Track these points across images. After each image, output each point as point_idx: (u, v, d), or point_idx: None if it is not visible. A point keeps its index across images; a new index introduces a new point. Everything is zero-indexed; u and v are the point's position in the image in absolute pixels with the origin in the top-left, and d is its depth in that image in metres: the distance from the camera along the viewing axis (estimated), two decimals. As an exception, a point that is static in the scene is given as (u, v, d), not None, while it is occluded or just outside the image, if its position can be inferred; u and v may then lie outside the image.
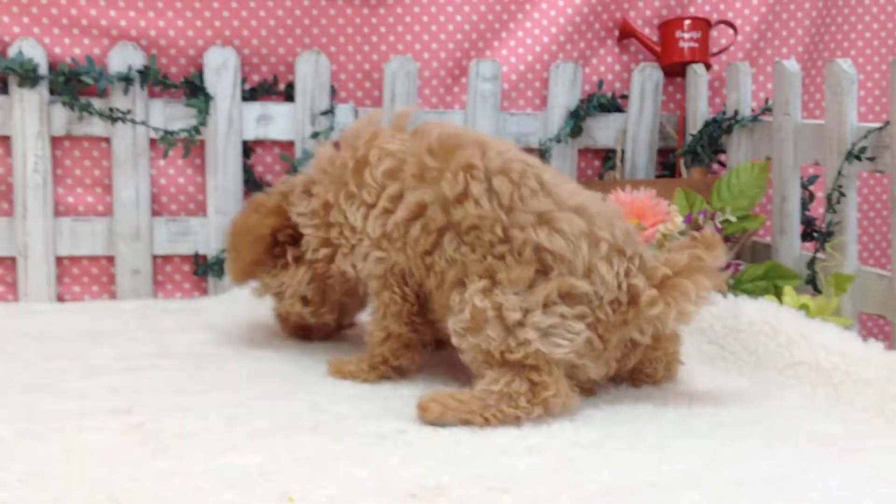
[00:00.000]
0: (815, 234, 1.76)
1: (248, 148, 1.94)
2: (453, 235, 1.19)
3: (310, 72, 1.91)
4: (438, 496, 0.88)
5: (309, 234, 1.37)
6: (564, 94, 2.02)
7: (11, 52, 1.79)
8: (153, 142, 1.88)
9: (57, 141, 1.86)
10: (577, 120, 2.02)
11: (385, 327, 1.29)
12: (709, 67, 2.05)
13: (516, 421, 1.10)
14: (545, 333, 1.12)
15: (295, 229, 1.39)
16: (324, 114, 1.92)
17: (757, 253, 1.90)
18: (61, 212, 1.87)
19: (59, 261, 1.87)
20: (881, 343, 1.31)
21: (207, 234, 1.91)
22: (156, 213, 1.90)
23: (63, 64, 1.82)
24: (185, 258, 1.93)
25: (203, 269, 1.91)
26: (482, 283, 1.15)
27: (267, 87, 1.93)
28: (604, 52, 2.08)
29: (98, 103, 1.84)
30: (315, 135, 1.91)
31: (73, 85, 1.82)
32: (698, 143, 1.99)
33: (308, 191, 1.37)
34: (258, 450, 1.00)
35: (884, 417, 1.17)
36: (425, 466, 0.95)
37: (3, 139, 1.84)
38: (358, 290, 1.39)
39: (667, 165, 2.11)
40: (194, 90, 1.87)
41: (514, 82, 2.02)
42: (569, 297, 1.14)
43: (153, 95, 1.88)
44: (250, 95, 1.93)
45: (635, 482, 0.92)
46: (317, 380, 1.30)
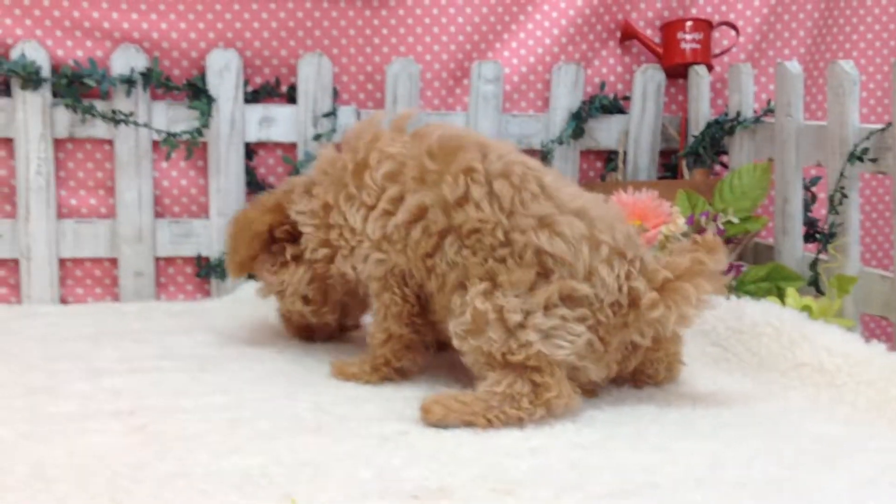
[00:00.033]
0: (817, 236, 1.76)
1: (251, 150, 1.94)
2: (454, 238, 1.19)
3: (312, 74, 1.91)
4: (441, 498, 0.88)
5: (308, 234, 1.37)
6: (566, 95, 2.02)
7: (14, 54, 1.79)
8: (156, 144, 1.89)
9: (60, 143, 1.86)
10: (579, 121, 2.02)
11: (386, 329, 1.29)
12: (711, 69, 2.05)
13: (519, 422, 1.10)
14: (546, 335, 1.12)
15: (294, 227, 1.39)
16: (326, 116, 1.92)
17: (759, 254, 1.90)
18: (64, 214, 1.87)
19: (62, 263, 1.87)
20: (884, 344, 1.31)
21: (210, 236, 1.91)
22: (158, 215, 1.91)
23: (66, 66, 1.82)
24: (188, 260, 1.93)
25: (206, 270, 1.91)
26: (483, 285, 1.15)
27: (269, 90, 1.94)
28: (606, 54, 2.08)
29: (101, 105, 1.84)
30: (317, 137, 1.92)
31: (75, 87, 1.82)
32: (700, 145, 1.99)
33: (309, 191, 1.37)
34: (261, 452, 1.00)
35: (886, 419, 1.17)
36: (428, 468, 0.95)
37: (6, 141, 1.84)
38: (358, 291, 1.40)
39: (669, 167, 2.11)
40: (197, 92, 1.88)
41: (516, 84, 2.02)
42: (569, 299, 1.14)
43: (156, 98, 1.88)
44: (252, 97, 1.93)
45: (638, 483, 0.93)
46: (319, 381, 1.30)
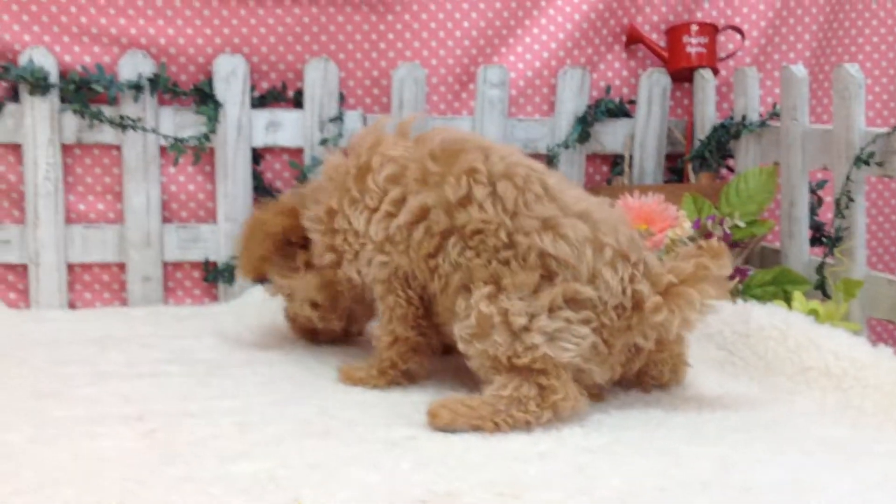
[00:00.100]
0: (823, 239, 1.75)
1: (258, 155, 1.95)
2: (457, 239, 1.20)
3: (318, 79, 1.92)
4: (450, 502, 0.88)
5: (315, 240, 1.38)
6: (572, 99, 2.02)
7: (22, 60, 1.80)
8: (163, 149, 1.89)
9: (68, 149, 1.87)
10: (584, 125, 2.02)
11: (391, 331, 1.29)
12: (716, 72, 2.05)
13: (526, 426, 1.10)
14: (551, 338, 1.12)
15: (307, 233, 1.40)
16: (332, 120, 1.93)
17: (766, 258, 1.90)
18: (72, 219, 1.88)
19: (70, 268, 1.88)
20: (890, 348, 1.31)
21: (217, 240, 1.92)
22: (166, 220, 1.91)
23: (73, 72, 1.83)
24: (196, 265, 1.94)
25: (213, 275, 1.92)
26: (487, 288, 1.15)
27: (276, 95, 1.94)
28: (611, 58, 2.08)
29: (108, 111, 1.85)
30: (324, 141, 1.92)
31: (83, 93, 1.83)
32: (706, 149, 1.99)
33: (317, 197, 1.38)
34: (269, 456, 1.00)
35: (893, 422, 1.17)
36: (436, 472, 0.95)
37: (15, 147, 1.85)
38: (365, 297, 1.40)
39: (675, 171, 2.11)
40: (204, 98, 1.88)
41: (522, 88, 2.02)
42: (574, 302, 1.14)
43: (163, 103, 1.89)
44: (259, 102, 1.93)
45: (645, 487, 0.93)
46: (327, 386, 1.31)
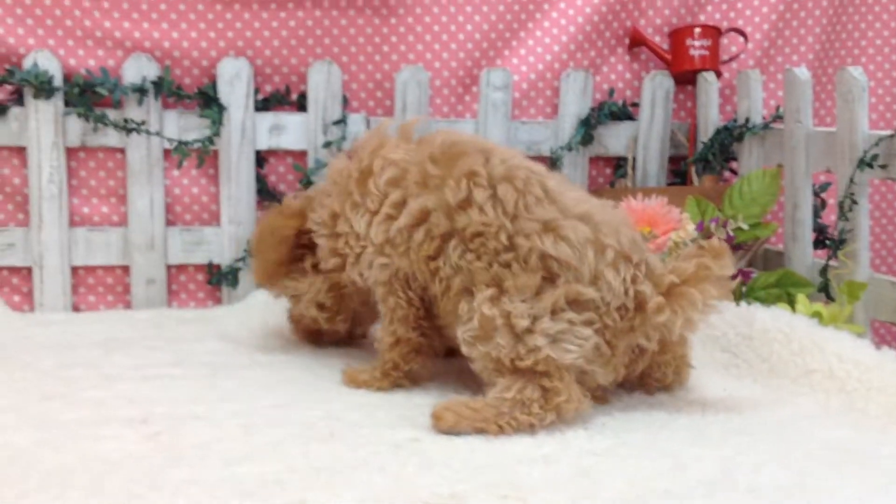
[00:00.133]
0: (827, 242, 1.75)
1: (261, 158, 1.95)
2: (458, 242, 1.20)
3: (322, 82, 1.92)
4: (454, 504, 0.89)
5: (321, 243, 1.38)
6: (575, 102, 2.02)
7: (27, 63, 1.80)
8: (167, 152, 1.90)
9: (72, 152, 1.87)
10: (588, 128, 2.02)
11: (393, 332, 1.29)
12: (719, 75, 2.06)
13: (530, 428, 1.10)
14: (554, 339, 1.12)
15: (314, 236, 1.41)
16: (336, 123, 1.93)
17: (769, 260, 1.90)
18: (76, 222, 1.88)
19: (74, 271, 1.88)
20: (894, 350, 1.31)
21: (221, 243, 1.92)
22: (170, 223, 1.92)
23: (78, 75, 1.83)
24: (199, 267, 1.94)
25: (217, 278, 1.92)
26: (489, 291, 1.15)
27: (279, 98, 1.95)
28: (614, 61, 2.09)
29: (113, 114, 1.85)
30: (327, 144, 1.92)
31: (87, 96, 1.83)
32: (709, 151, 1.99)
33: (321, 201, 1.38)
34: (274, 458, 1.00)
35: (897, 425, 1.17)
36: (441, 475, 0.95)
37: (19, 150, 1.85)
38: (370, 299, 1.40)
39: (678, 173, 2.11)
40: (208, 101, 1.89)
41: (525, 91, 2.03)
42: (576, 303, 1.14)
43: (167, 106, 1.89)
44: (263, 105, 1.94)
45: (650, 490, 0.93)
46: (331, 388, 1.31)
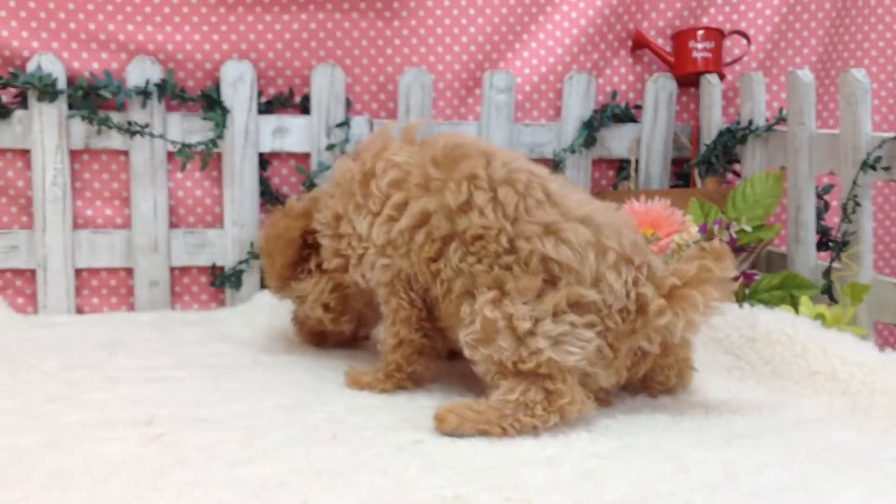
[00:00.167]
0: (830, 244, 1.75)
1: (265, 160, 1.96)
2: (458, 244, 1.20)
3: (325, 84, 1.92)
4: (457, 506, 0.89)
5: (325, 244, 1.38)
6: (578, 104, 2.02)
7: (30, 66, 1.81)
8: (171, 155, 1.90)
9: (76, 154, 1.87)
10: (590, 130, 2.02)
11: (396, 333, 1.29)
12: (722, 77, 2.06)
13: (533, 430, 1.11)
14: (556, 342, 1.12)
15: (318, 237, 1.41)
16: (339, 126, 1.93)
17: (772, 263, 1.90)
18: (80, 224, 1.89)
19: (77, 273, 1.89)
20: (898, 352, 1.31)
21: (224, 245, 1.92)
22: (173, 226, 1.92)
23: (81, 78, 1.84)
24: (203, 270, 1.94)
25: (220, 280, 1.92)
26: (491, 294, 1.15)
27: (283, 100, 1.95)
28: (617, 63, 2.09)
29: (116, 117, 1.85)
30: (330, 147, 1.93)
31: (91, 99, 1.84)
32: (712, 153, 1.99)
33: (325, 202, 1.39)
34: (278, 460, 1.00)
35: (901, 427, 1.17)
36: (444, 477, 0.96)
37: (23, 153, 1.85)
38: (374, 300, 1.40)
39: (681, 175, 2.11)
40: (211, 103, 1.89)
41: (528, 93, 2.03)
42: (577, 305, 1.14)
43: (171, 109, 1.90)
44: (266, 108, 1.94)
45: (653, 492, 0.93)
46: (334, 390, 1.31)
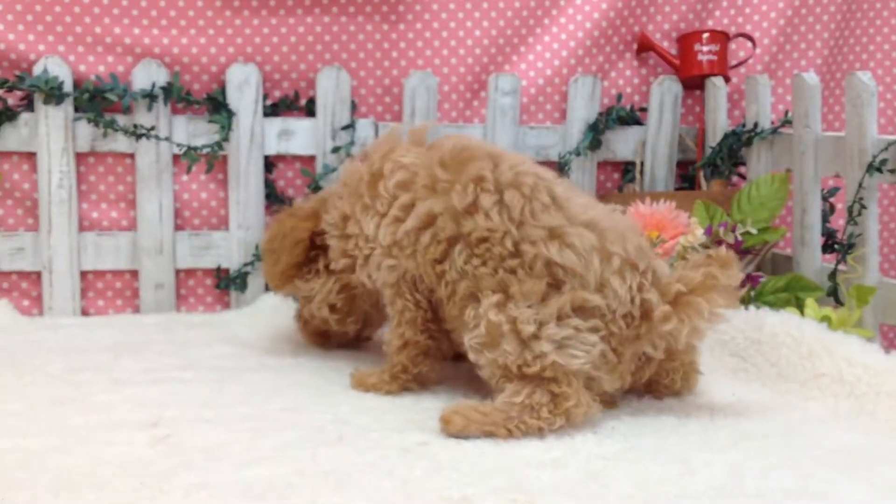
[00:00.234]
0: (836, 246, 1.75)
1: (270, 163, 1.96)
2: (463, 247, 1.20)
3: (330, 87, 1.93)
4: (463, 508, 0.89)
5: (332, 245, 1.39)
6: (583, 107, 2.02)
7: (37, 69, 1.81)
8: (176, 157, 1.90)
9: (81, 157, 1.88)
10: (596, 133, 2.02)
11: (401, 335, 1.29)
12: (728, 80, 2.06)
13: (539, 432, 1.11)
14: (560, 345, 1.12)
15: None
16: (344, 128, 1.94)
17: (778, 265, 1.89)
18: (86, 227, 1.89)
19: (83, 275, 1.89)
20: (903, 354, 1.31)
21: (230, 248, 1.92)
22: (179, 228, 1.92)
23: (88, 81, 1.84)
24: (208, 272, 1.95)
25: (225, 282, 1.93)
26: (496, 297, 1.15)
27: (288, 103, 1.95)
28: (622, 66, 2.09)
29: (122, 120, 1.86)
30: (336, 149, 1.93)
31: (97, 102, 1.84)
32: (718, 156, 1.99)
33: (333, 203, 1.39)
34: (283, 462, 1.00)
35: (907, 429, 1.17)
36: (450, 479, 0.96)
37: (29, 155, 1.86)
38: (380, 301, 1.41)
39: (686, 178, 2.11)
40: (217, 106, 1.89)
41: (534, 96, 2.03)
42: (581, 310, 1.14)
43: (176, 112, 1.90)
44: (272, 111, 1.94)
45: (659, 494, 0.93)
46: (340, 392, 1.31)
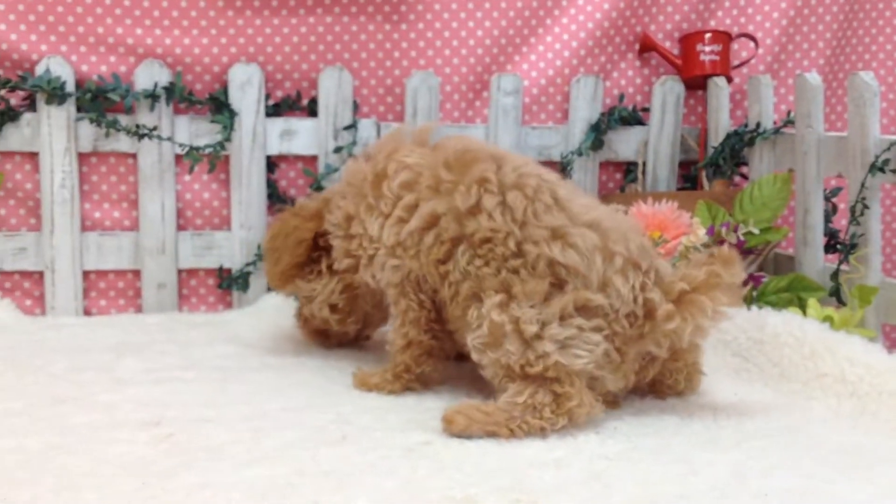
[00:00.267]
0: (838, 246, 1.75)
1: (272, 163, 1.96)
2: (466, 247, 1.20)
3: (332, 87, 1.93)
4: (466, 508, 0.89)
5: (336, 245, 1.39)
6: (586, 107, 2.02)
7: (39, 69, 1.81)
8: (178, 157, 1.90)
9: (84, 157, 1.88)
10: (598, 133, 2.02)
11: (405, 334, 1.29)
12: (730, 80, 2.05)
13: (541, 432, 1.11)
14: (563, 345, 1.12)
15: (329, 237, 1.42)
16: (346, 129, 1.94)
17: (780, 265, 1.89)
18: (88, 227, 1.89)
19: (85, 275, 1.89)
20: (906, 355, 1.31)
21: (232, 248, 1.92)
22: (181, 228, 1.92)
23: (90, 81, 1.84)
24: (210, 272, 1.95)
25: (227, 282, 1.93)
26: (498, 297, 1.16)
27: (290, 103, 1.95)
28: (625, 66, 2.09)
29: (124, 120, 1.86)
30: (338, 149, 1.93)
31: (99, 102, 1.84)
32: (720, 156, 1.98)
33: (337, 202, 1.39)
34: (285, 462, 1.00)
35: (910, 429, 1.17)
36: (453, 479, 0.96)
37: (31, 155, 1.86)
38: (383, 301, 1.41)
39: (688, 178, 2.11)
40: (219, 106, 1.89)
41: (536, 96, 2.03)
42: (584, 309, 1.14)
43: (179, 112, 1.90)
44: (274, 111, 1.94)
45: (662, 494, 0.93)
46: (342, 391, 1.31)
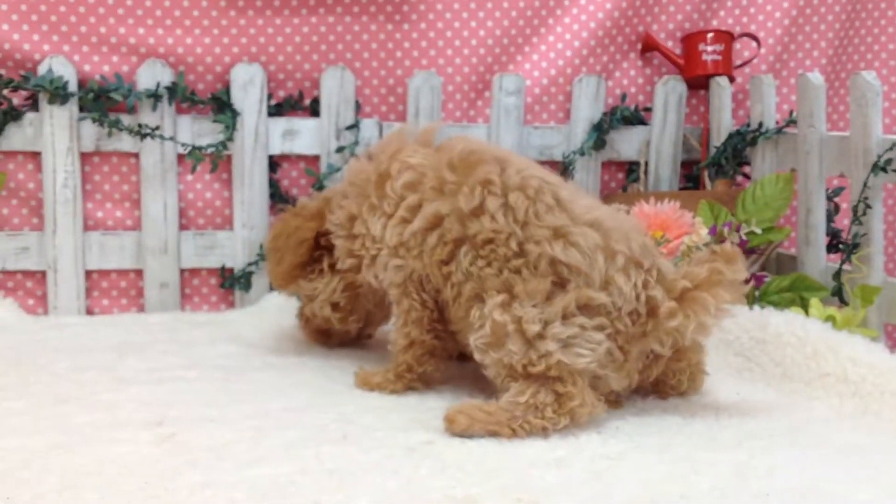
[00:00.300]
0: (840, 246, 1.75)
1: (274, 162, 1.96)
2: (469, 248, 1.20)
3: (335, 87, 1.93)
4: (468, 507, 0.89)
5: (338, 245, 1.39)
6: (588, 107, 2.02)
7: (42, 69, 1.81)
8: (181, 157, 1.90)
9: (86, 157, 1.88)
10: (600, 133, 2.02)
11: (407, 334, 1.30)
12: (732, 80, 2.05)
13: (543, 432, 1.11)
14: (566, 344, 1.12)
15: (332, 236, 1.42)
16: (349, 128, 1.94)
17: (782, 265, 1.89)
18: (90, 226, 1.89)
19: (88, 274, 1.89)
20: (908, 354, 1.31)
21: (234, 247, 1.93)
22: (183, 227, 1.92)
23: (92, 81, 1.84)
24: (212, 271, 1.95)
25: (230, 282, 1.93)
26: (500, 297, 1.16)
27: (292, 103, 1.95)
28: (627, 66, 2.09)
29: (127, 119, 1.86)
30: (340, 149, 1.93)
31: (102, 102, 1.84)
32: (722, 156, 1.98)
33: (339, 202, 1.39)
34: (287, 461, 1.00)
35: (912, 429, 1.17)
36: (454, 478, 0.96)
37: (34, 155, 1.86)
38: (385, 301, 1.41)
39: (691, 178, 2.10)
40: (221, 106, 1.89)
41: (538, 96, 2.03)
42: (587, 308, 1.14)
43: (181, 111, 1.90)
44: (276, 111, 1.94)
45: (664, 494, 0.93)
46: (344, 391, 1.31)
